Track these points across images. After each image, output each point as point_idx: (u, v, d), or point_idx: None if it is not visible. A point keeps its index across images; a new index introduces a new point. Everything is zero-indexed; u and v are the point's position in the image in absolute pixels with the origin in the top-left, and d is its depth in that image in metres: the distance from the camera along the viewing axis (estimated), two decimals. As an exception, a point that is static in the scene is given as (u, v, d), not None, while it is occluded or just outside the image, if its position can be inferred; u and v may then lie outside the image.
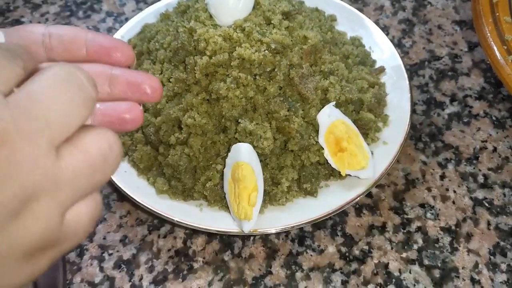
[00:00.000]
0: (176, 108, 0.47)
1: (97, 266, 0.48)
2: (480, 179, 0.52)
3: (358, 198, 0.46)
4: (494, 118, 0.57)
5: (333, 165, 0.47)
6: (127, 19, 0.68)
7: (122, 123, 0.32)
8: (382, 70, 0.56)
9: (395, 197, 0.51)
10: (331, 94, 0.48)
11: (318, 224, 0.49)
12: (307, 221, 0.45)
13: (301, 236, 0.49)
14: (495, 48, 0.48)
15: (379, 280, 0.46)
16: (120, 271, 0.47)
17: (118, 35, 0.59)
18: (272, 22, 0.48)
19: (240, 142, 0.46)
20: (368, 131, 0.50)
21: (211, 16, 0.48)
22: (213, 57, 0.45)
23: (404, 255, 0.47)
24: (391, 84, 0.54)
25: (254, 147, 0.45)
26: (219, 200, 0.47)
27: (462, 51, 0.63)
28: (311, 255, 0.48)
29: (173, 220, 0.45)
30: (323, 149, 0.47)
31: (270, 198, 0.47)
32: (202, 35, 0.46)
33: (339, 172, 0.47)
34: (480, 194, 0.51)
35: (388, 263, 0.47)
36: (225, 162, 0.46)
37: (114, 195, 0.52)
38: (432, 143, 0.55)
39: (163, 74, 0.49)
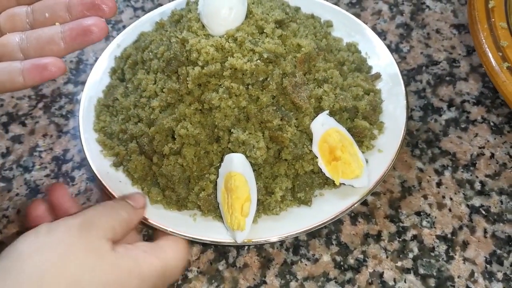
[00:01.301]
0: (169, 118, 0.47)
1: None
2: (477, 186, 0.52)
3: (353, 207, 0.46)
4: (492, 123, 0.56)
5: (327, 174, 0.47)
6: (124, 27, 0.69)
7: (88, 34, 0.38)
8: (378, 76, 0.55)
9: (390, 205, 0.51)
10: (325, 103, 0.48)
11: (313, 233, 0.49)
12: (301, 231, 0.45)
13: (296, 245, 0.49)
14: (490, 54, 0.48)
15: (374, 289, 0.46)
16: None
17: (114, 43, 0.59)
18: (264, 31, 0.48)
19: (233, 152, 0.46)
20: (363, 139, 0.50)
21: (203, 26, 0.48)
22: (205, 68, 0.45)
23: (399, 264, 0.47)
24: (387, 91, 0.54)
25: (247, 156, 0.45)
26: (213, 210, 0.47)
27: (460, 56, 0.62)
28: (305, 264, 0.48)
29: (167, 230, 0.45)
30: (317, 158, 0.47)
31: (264, 207, 0.47)
32: (194, 45, 0.46)
33: (334, 181, 0.47)
34: (477, 201, 0.51)
35: (383, 272, 0.47)
36: (218, 172, 0.46)
37: (110, 204, 0.52)
38: (429, 149, 0.54)
39: (156, 84, 0.49)
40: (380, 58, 0.56)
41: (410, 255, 0.48)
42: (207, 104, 0.46)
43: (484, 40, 0.49)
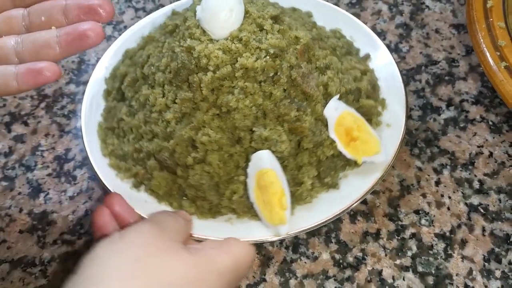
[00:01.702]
0: (187, 128, 0.47)
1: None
2: (476, 184, 0.52)
3: (378, 183, 0.48)
4: (490, 122, 0.56)
5: (348, 156, 0.48)
6: (125, 27, 0.69)
7: (84, 39, 0.37)
8: (368, 56, 0.57)
9: (389, 204, 0.51)
10: (332, 88, 0.49)
11: (312, 231, 0.49)
12: (337, 213, 0.46)
13: (295, 243, 0.49)
14: (488, 54, 0.48)
15: (373, 287, 0.46)
16: None
17: (115, 45, 0.60)
18: (264, 28, 0.48)
19: (257, 149, 0.46)
20: (371, 117, 0.52)
21: (204, 32, 0.48)
22: (217, 72, 0.45)
23: (398, 262, 0.48)
24: (387, 88, 0.55)
25: (273, 152, 0.46)
26: (247, 210, 0.47)
27: (459, 55, 0.63)
28: (305, 262, 0.48)
29: (208, 239, 0.45)
30: (335, 142, 0.49)
31: (296, 198, 0.48)
32: (201, 51, 0.46)
33: (354, 161, 0.49)
34: (475, 200, 0.51)
35: (382, 270, 0.47)
36: (247, 172, 0.47)
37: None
38: (428, 148, 0.55)
39: (166, 97, 0.48)
40: (378, 59, 0.57)
41: (409, 253, 0.48)
42: (224, 107, 0.46)
43: (482, 40, 0.50)
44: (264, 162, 0.45)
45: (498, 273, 0.46)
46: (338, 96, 0.49)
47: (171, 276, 0.33)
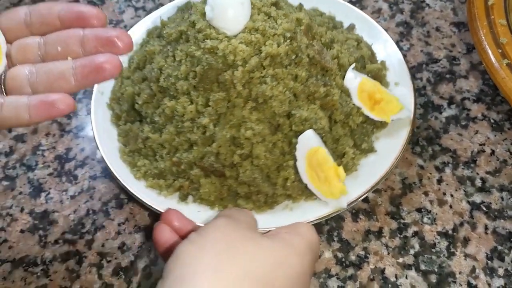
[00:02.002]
0: (227, 127, 0.47)
1: (95, 274, 0.48)
2: (478, 182, 0.52)
3: (410, 137, 0.50)
4: (492, 120, 0.56)
5: (376, 118, 0.51)
6: (126, 27, 0.69)
7: (100, 72, 0.37)
8: (353, 27, 0.60)
9: (391, 202, 0.51)
10: (344, 59, 0.51)
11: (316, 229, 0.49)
12: (384, 173, 0.48)
13: (298, 242, 0.49)
14: (489, 51, 0.48)
15: (376, 285, 0.46)
16: (118, 278, 0.48)
17: (97, 91, 0.56)
18: (271, 15, 0.49)
19: (297, 132, 0.47)
20: (381, 79, 0.54)
21: (218, 30, 0.47)
22: (246, 65, 0.45)
23: (400, 260, 0.47)
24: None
25: (314, 130, 0.47)
26: (302, 192, 0.48)
27: (460, 53, 0.63)
28: (307, 261, 0.48)
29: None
30: (361, 108, 0.50)
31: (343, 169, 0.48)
32: (225, 49, 0.45)
33: (381, 122, 0.51)
34: (477, 198, 0.51)
35: (385, 268, 0.47)
36: (295, 156, 0.47)
37: (112, 202, 0.53)
38: (430, 146, 0.55)
39: (195, 103, 0.47)
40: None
41: (411, 252, 0.48)
42: (261, 98, 0.46)
43: (483, 37, 0.50)
44: (312, 141, 0.46)
45: (501, 271, 0.46)
46: (354, 65, 0.51)
47: (258, 262, 0.34)
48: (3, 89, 0.38)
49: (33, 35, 0.39)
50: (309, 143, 0.46)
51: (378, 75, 0.53)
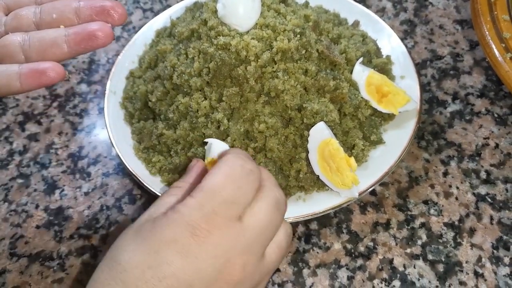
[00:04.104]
0: (240, 121, 0.48)
1: (110, 267, 0.49)
2: (483, 175, 0.53)
3: (417, 128, 0.51)
4: (496, 115, 0.58)
5: (384, 111, 0.51)
6: (134, 28, 0.70)
7: (93, 39, 0.37)
8: (358, 23, 0.60)
9: (398, 195, 0.52)
10: (351, 54, 0.52)
11: (323, 222, 0.51)
12: (394, 163, 0.48)
13: (308, 234, 0.50)
14: (493, 46, 0.49)
15: (384, 275, 0.47)
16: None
17: (109, 91, 0.57)
18: (281, 12, 0.50)
19: (308, 125, 0.48)
20: (387, 73, 0.55)
21: (230, 27, 0.48)
22: (258, 60, 0.47)
23: (408, 250, 0.48)
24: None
25: (325, 122, 0.48)
26: (314, 184, 0.49)
27: (464, 50, 0.64)
28: (317, 252, 0.49)
29: (289, 219, 0.46)
30: (369, 101, 0.51)
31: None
32: (238, 45, 0.46)
33: (388, 114, 0.52)
34: (482, 190, 0.52)
35: (393, 258, 0.48)
36: (307, 147, 0.48)
37: (125, 198, 0.54)
38: (435, 141, 0.56)
39: (209, 99, 0.49)
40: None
41: (419, 242, 0.49)
42: (273, 92, 0.47)
43: (487, 32, 0.51)
44: (324, 133, 0.47)
45: (506, 260, 0.47)
46: (361, 59, 0.52)
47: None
48: None
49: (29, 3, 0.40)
50: (321, 135, 0.47)
51: (384, 69, 0.55)
